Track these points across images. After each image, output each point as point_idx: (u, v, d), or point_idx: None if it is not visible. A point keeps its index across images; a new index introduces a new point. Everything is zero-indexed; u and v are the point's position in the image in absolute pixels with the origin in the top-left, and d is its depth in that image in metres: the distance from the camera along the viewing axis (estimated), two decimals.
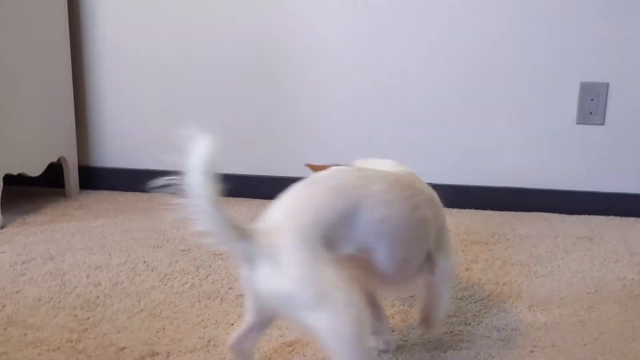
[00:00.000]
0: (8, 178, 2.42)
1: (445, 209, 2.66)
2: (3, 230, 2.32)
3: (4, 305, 1.72)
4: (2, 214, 2.37)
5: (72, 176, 2.80)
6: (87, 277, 1.91)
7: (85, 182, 2.89)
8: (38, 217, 2.48)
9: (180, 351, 1.49)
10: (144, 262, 2.02)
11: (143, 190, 2.85)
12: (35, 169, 2.57)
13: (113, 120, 2.88)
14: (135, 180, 2.87)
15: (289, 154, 2.78)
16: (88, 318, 1.65)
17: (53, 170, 2.73)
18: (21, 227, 2.36)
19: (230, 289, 1.84)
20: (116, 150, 2.90)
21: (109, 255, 2.09)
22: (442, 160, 2.70)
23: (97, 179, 2.92)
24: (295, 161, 2.75)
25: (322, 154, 2.74)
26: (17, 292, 1.80)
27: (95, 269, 1.97)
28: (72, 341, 1.53)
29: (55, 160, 2.69)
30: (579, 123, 2.62)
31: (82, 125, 2.88)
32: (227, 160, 2.90)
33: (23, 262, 2.01)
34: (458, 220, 2.51)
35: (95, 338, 1.55)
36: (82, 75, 2.85)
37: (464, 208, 2.66)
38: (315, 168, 1.51)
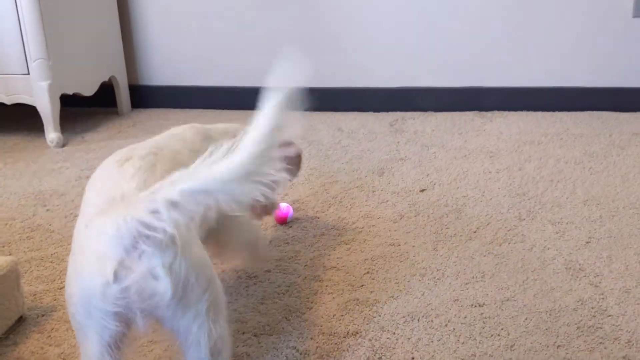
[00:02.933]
0: (64, 99, 2.49)
1: (498, 111, 2.65)
2: (64, 148, 2.41)
3: (75, 216, 1.81)
4: (62, 132, 2.45)
5: (123, 95, 2.86)
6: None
7: (136, 101, 2.94)
8: (95, 135, 2.56)
9: None
10: None
11: (192, 107, 2.90)
12: (88, 89, 2.63)
13: (160, 39, 2.89)
14: (184, 97, 2.91)
15: (332, 69, 2.77)
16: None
17: (106, 91, 2.79)
18: (81, 145, 2.45)
19: (286, 195, 1.89)
20: (165, 68, 2.93)
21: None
22: (491, 62, 2.64)
23: (148, 97, 2.97)
24: (342, 73, 2.74)
25: (365, 69, 2.72)
26: None
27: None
28: None
29: (106, 79, 2.74)
30: (635, 16, 2.51)
31: (130, 45, 2.91)
32: (266, 74, 2.87)
33: (87, 177, 2.10)
34: (510, 122, 2.49)
35: None
36: None
37: (516, 110, 2.62)
38: None
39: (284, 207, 1.70)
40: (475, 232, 1.61)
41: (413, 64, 2.72)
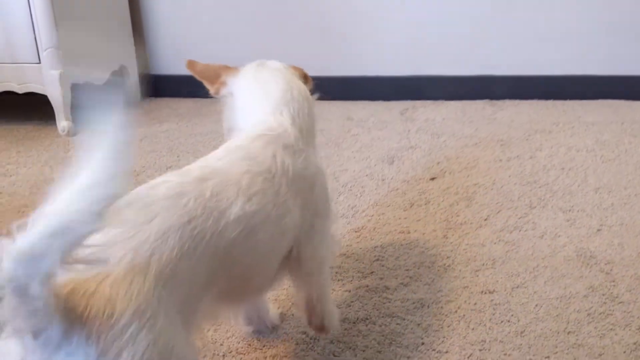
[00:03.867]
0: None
1: (509, 100, 2.63)
2: (77, 137, 2.42)
3: None
4: (73, 121, 2.46)
5: (133, 83, 2.86)
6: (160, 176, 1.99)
7: (146, 89, 2.95)
8: None
9: None
10: None
11: (203, 96, 2.90)
12: (99, 78, 2.63)
13: (170, 28, 2.89)
14: (195, 87, 2.91)
15: (343, 54, 2.76)
16: None
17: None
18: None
19: None
20: (175, 57, 2.93)
21: (177, 157, 2.17)
22: (502, 50, 2.63)
23: (157, 86, 2.98)
24: (352, 62, 2.74)
25: (378, 57, 2.72)
26: None
27: (167, 169, 2.05)
28: None
29: (116, 68, 2.75)
30: None
31: (140, 34, 2.91)
32: (283, 61, 2.85)
33: None
34: (521, 110, 2.47)
35: None
36: None
37: (527, 99, 2.60)
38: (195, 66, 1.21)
39: None
40: (485, 219, 1.61)
41: (424, 53, 2.70)
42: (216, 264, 0.83)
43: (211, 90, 1.14)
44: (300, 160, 1.00)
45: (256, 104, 1.07)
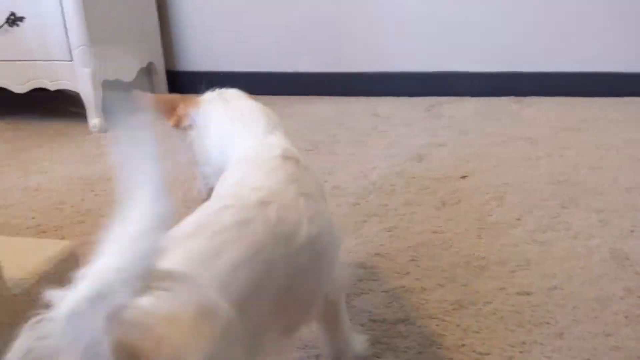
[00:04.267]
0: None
1: (534, 97, 2.64)
2: (108, 133, 2.46)
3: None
4: (103, 118, 2.49)
5: (160, 81, 2.90)
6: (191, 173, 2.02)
7: (173, 86, 2.98)
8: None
9: None
10: None
11: None
12: (128, 75, 2.67)
13: (198, 24, 2.92)
14: (220, 83, 2.93)
15: (360, 50, 2.77)
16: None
17: (143, 77, 2.83)
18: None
19: (325, 182, 1.91)
20: (202, 54, 2.96)
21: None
22: (527, 47, 2.62)
23: (184, 83, 3.01)
24: (376, 58, 2.75)
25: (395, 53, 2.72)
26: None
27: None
28: None
29: (144, 65, 2.78)
30: None
31: (167, 31, 2.94)
32: (304, 59, 2.89)
33: None
34: (547, 107, 2.48)
35: None
36: None
37: (552, 96, 2.60)
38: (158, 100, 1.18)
39: None
40: (518, 219, 1.62)
41: (449, 48, 2.71)
42: (284, 294, 0.80)
43: (170, 122, 1.12)
44: (313, 175, 1.01)
45: (243, 130, 1.04)
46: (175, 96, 1.12)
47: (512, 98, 2.62)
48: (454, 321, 1.24)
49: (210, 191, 1.05)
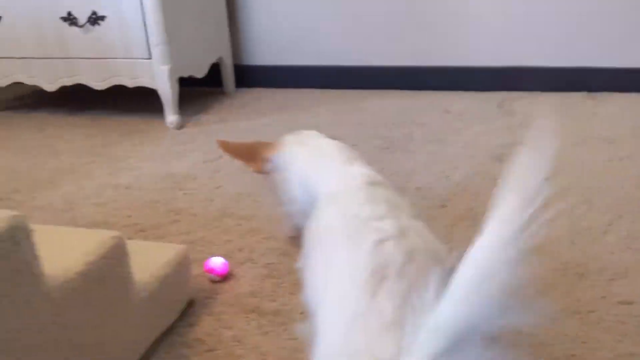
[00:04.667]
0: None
1: (607, 93, 2.60)
2: (183, 130, 2.53)
3: (212, 200, 1.92)
4: (179, 115, 2.56)
5: (229, 75, 2.95)
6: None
7: (240, 80, 3.03)
8: (210, 117, 2.67)
9: None
10: None
11: (295, 87, 2.96)
12: (201, 71, 2.73)
13: (264, 19, 2.96)
14: (287, 77, 2.98)
15: (440, 43, 2.77)
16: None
17: (211, 71, 2.89)
18: (197, 127, 2.55)
19: (408, 182, 1.94)
20: (269, 48, 3.00)
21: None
22: (600, 41, 2.59)
23: (251, 77, 3.05)
24: (445, 52, 2.75)
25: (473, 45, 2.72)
26: (218, 187, 2.00)
27: None
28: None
29: (215, 60, 2.83)
30: None
31: (235, 26, 2.99)
32: (373, 52, 2.87)
33: (213, 160, 2.21)
34: (622, 105, 2.45)
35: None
36: None
37: (626, 92, 2.57)
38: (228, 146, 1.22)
39: (220, 262, 1.50)
40: (609, 225, 1.63)
41: (519, 42, 2.70)
42: None
43: (253, 168, 1.16)
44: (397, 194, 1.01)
45: (324, 165, 1.07)
46: (254, 143, 1.17)
47: (584, 94, 2.60)
48: (562, 330, 1.26)
49: (296, 229, 1.12)
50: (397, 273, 0.74)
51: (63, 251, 1.06)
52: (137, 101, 2.80)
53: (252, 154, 1.16)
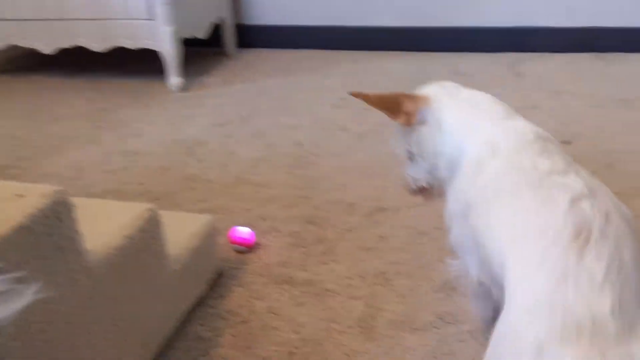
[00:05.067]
0: None
1: (615, 53, 2.55)
2: (187, 93, 2.45)
3: (226, 165, 1.87)
4: (182, 77, 2.48)
5: (230, 36, 2.87)
6: (287, 137, 2.02)
7: (241, 40, 2.94)
8: (213, 79, 2.59)
9: (408, 206, 1.60)
10: (333, 122, 2.10)
11: (299, 47, 2.88)
12: (203, 31, 2.64)
13: None
14: (290, 37, 2.90)
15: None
16: (305, 176, 1.78)
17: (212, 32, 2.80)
18: (202, 90, 2.48)
19: None
20: (271, 7, 2.91)
21: (296, 116, 2.18)
22: (606, 1, 2.55)
23: (252, 37, 2.96)
24: (455, 12, 2.69)
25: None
26: (232, 153, 1.95)
27: (289, 129, 2.08)
28: (302, 197, 1.67)
29: (216, 20, 2.74)
30: None
31: None
32: (380, 12, 2.76)
33: (222, 125, 2.15)
34: (631, 65, 2.43)
35: (321, 195, 1.68)
36: None
37: (634, 52, 2.54)
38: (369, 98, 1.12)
39: (246, 232, 1.46)
40: (637, 189, 1.61)
41: (527, 3, 2.64)
42: None
43: (399, 121, 1.11)
44: None
45: (484, 119, 1.03)
46: (396, 94, 1.10)
47: (592, 54, 2.56)
48: None
49: (424, 185, 1.13)
50: (601, 234, 0.76)
51: (100, 225, 1.01)
52: (137, 63, 2.71)
53: (394, 107, 1.09)
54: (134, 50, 2.46)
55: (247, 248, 1.46)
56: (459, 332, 1.19)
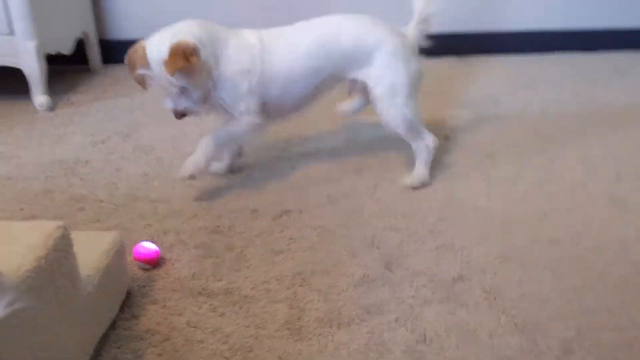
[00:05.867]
0: None
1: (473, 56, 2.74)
2: (55, 111, 2.29)
3: (115, 183, 1.77)
4: (49, 95, 2.32)
5: (94, 51, 2.72)
6: (176, 149, 1.95)
7: (105, 56, 2.81)
8: (81, 97, 2.44)
9: (310, 207, 1.61)
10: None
11: None
12: (67, 47, 2.48)
13: None
14: None
15: None
16: (203, 187, 1.73)
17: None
18: (71, 108, 2.33)
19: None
20: (132, 21, 2.80)
21: (180, 128, 2.11)
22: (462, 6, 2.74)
23: (116, 52, 2.84)
24: None
25: None
26: (119, 169, 1.85)
27: (176, 141, 2.01)
28: (203, 208, 1.63)
29: (79, 35, 2.59)
30: None
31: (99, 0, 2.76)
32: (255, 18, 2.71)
33: (103, 142, 2.03)
34: (490, 66, 2.62)
35: (225, 203, 1.64)
36: None
37: (490, 54, 2.76)
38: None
39: (153, 247, 1.40)
40: (517, 175, 1.74)
41: None
42: None
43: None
44: None
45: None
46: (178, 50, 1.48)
47: (454, 58, 2.74)
48: (506, 274, 1.33)
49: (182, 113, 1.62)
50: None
51: (7, 246, 0.91)
52: None
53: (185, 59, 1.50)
54: None
55: (152, 265, 1.39)
56: (386, 322, 1.21)
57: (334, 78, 1.65)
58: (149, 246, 1.39)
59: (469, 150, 1.90)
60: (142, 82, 1.59)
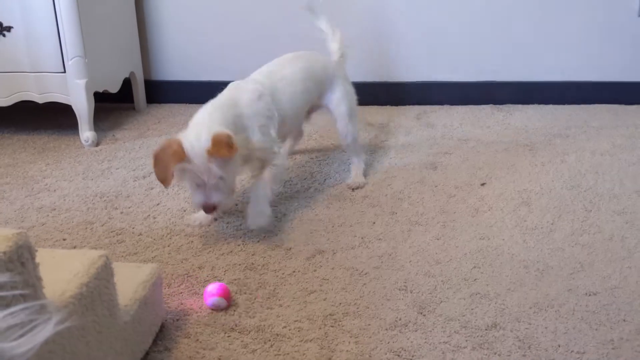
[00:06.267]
0: None
1: (511, 105, 2.77)
2: (100, 147, 2.37)
3: (154, 217, 1.81)
4: (94, 131, 2.40)
5: (140, 91, 2.82)
6: None
7: (150, 96, 2.90)
8: (125, 133, 2.52)
9: (343, 249, 1.62)
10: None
11: (204, 102, 2.87)
12: (115, 86, 2.58)
13: (173, 35, 2.86)
14: (196, 92, 2.88)
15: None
16: (237, 223, 1.76)
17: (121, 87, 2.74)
18: (115, 144, 2.41)
19: (353, 191, 1.95)
20: (178, 64, 2.90)
21: None
22: (503, 57, 2.77)
23: (161, 92, 2.94)
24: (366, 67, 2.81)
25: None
26: (158, 204, 1.89)
27: None
28: (238, 245, 1.65)
29: (127, 75, 2.70)
30: None
31: (145, 41, 2.86)
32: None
33: (144, 177, 2.09)
34: (528, 115, 2.63)
35: (260, 241, 1.67)
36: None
37: (527, 104, 2.77)
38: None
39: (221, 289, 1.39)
40: (552, 224, 1.73)
41: (431, 58, 2.82)
42: None
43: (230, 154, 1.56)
44: None
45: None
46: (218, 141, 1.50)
47: (491, 106, 2.76)
48: (541, 323, 1.31)
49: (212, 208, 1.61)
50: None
51: (52, 273, 0.94)
52: (43, 118, 2.60)
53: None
54: (40, 104, 2.36)
55: (227, 303, 1.39)
56: None
57: (310, 104, 1.94)
58: (213, 285, 1.40)
59: (505, 196, 1.89)
60: (166, 179, 1.50)
